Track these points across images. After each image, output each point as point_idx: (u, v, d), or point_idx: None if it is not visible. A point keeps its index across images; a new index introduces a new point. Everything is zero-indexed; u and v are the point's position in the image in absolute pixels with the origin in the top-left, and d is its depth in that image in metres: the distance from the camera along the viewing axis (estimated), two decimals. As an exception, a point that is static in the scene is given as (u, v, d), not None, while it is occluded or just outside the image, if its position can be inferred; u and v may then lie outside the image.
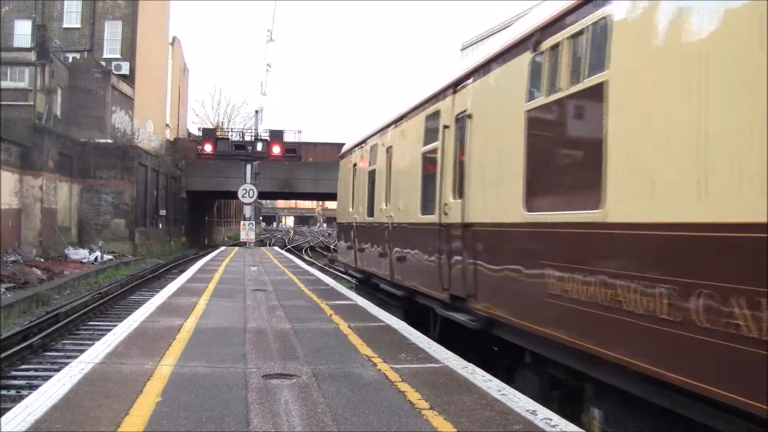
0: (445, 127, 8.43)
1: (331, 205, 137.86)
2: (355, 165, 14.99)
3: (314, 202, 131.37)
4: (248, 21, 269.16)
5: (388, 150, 11.75)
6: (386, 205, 11.57)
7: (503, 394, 5.40)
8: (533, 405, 5.14)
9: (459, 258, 7.72)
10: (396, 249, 10.84)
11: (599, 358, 4.86)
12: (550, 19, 5.84)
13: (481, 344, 7.98)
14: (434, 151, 8.91)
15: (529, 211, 6.09)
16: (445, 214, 8.19)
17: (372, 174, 12.99)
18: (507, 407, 5.02)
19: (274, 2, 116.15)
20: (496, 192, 6.87)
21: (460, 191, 7.92)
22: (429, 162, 9.28)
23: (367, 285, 14.10)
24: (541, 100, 5.98)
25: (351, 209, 15.15)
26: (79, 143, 34.29)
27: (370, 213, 12.96)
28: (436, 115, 8.98)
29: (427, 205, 9.21)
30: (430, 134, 9.20)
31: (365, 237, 13.50)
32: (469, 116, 7.62)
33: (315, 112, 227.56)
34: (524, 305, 6.12)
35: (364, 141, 14.14)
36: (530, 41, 6.18)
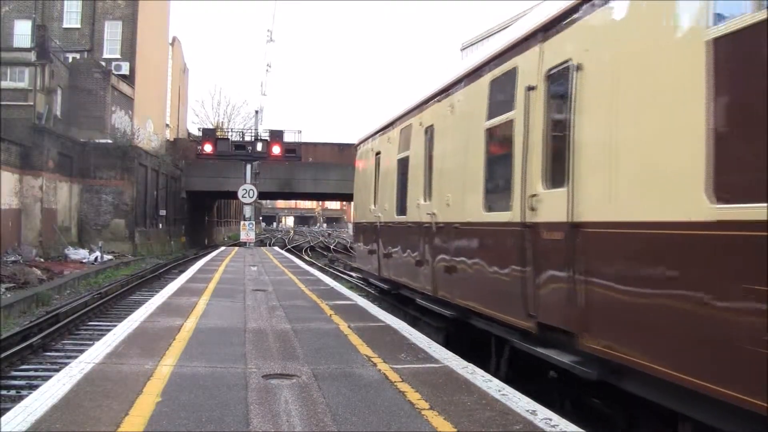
0: (529, 88, 6.18)
1: (331, 205, 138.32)
2: (377, 154, 12.87)
3: (314, 202, 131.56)
4: (248, 21, 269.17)
5: (429, 131, 9.51)
6: (426, 201, 9.46)
7: (503, 395, 5.40)
8: (533, 405, 5.14)
9: (558, 273, 5.52)
10: (442, 256, 8.64)
11: None
12: None
13: (583, 394, 6.04)
14: (507, 124, 6.74)
15: (720, 203, 3.87)
16: (532, 209, 5.99)
17: (404, 163, 10.82)
18: (507, 407, 5.02)
19: (274, 2, 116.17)
20: (641, 172, 4.65)
21: (557, 177, 5.74)
22: (498, 140, 7.22)
23: (392, 297, 12.25)
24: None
25: (373, 207, 13.11)
26: (79, 143, 34.28)
27: (401, 210, 10.83)
28: (509, 75, 6.77)
29: (495, 199, 7.15)
30: (499, 102, 7.09)
31: (393, 240, 11.27)
32: (577, 67, 5.45)
33: (315, 112, 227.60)
34: (697, 353, 4.01)
35: (390, 124, 11.93)
36: None
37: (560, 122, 5.85)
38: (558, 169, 5.75)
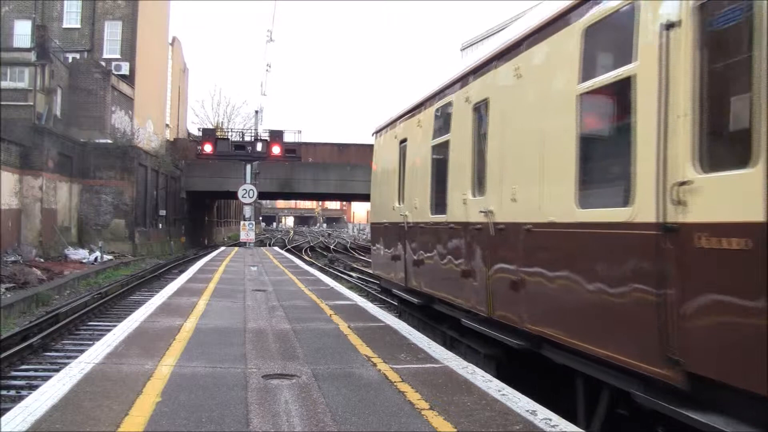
0: (667, 26, 4.30)
1: (331, 205, 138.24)
2: (403, 142, 10.76)
3: (314, 203, 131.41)
4: (248, 21, 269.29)
5: (480, 107, 7.43)
6: (476, 195, 7.43)
7: (503, 395, 5.40)
8: (533, 405, 5.14)
9: (733, 299, 3.75)
10: (502, 267, 6.64)
11: None
12: None
13: None
14: (620, 84, 4.86)
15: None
16: (679, 203, 4.14)
17: (441, 149, 8.81)
18: (507, 407, 5.02)
19: (274, 2, 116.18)
20: None
21: (729, 155, 4.01)
22: (602, 108, 5.51)
23: (420, 311, 10.19)
24: None
25: (397, 204, 10.96)
26: (79, 143, 34.28)
27: (438, 208, 8.83)
28: (624, 15, 4.86)
29: (599, 191, 5.36)
30: (603, 55, 5.41)
31: (427, 244, 9.20)
32: None
33: (315, 112, 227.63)
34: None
35: (421, 105, 9.84)
36: None
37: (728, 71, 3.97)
38: (737, 140, 3.86)
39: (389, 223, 11.68)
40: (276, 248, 39.80)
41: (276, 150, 33.59)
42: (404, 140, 10.79)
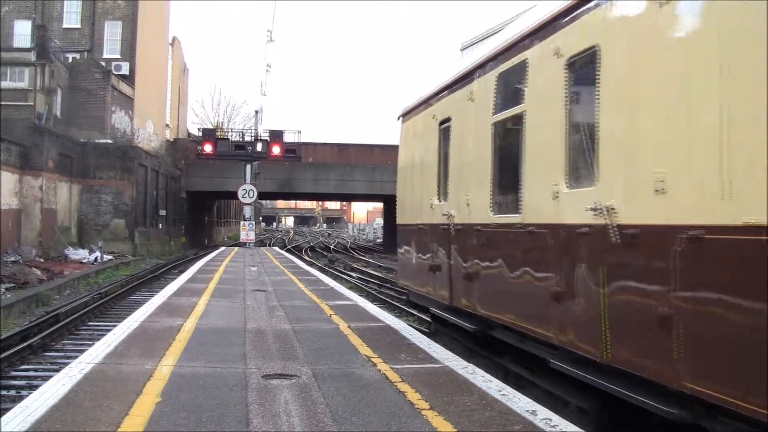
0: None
1: (331, 205, 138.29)
2: (445, 122, 8.54)
3: (314, 203, 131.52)
4: (248, 21, 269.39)
5: (580, 61, 5.35)
6: (575, 187, 5.35)
7: (503, 395, 5.40)
8: (533, 405, 5.15)
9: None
10: (632, 287, 4.52)
11: None
12: None
13: None
14: None
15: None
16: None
17: (511, 126, 6.74)
18: (507, 407, 5.02)
19: (274, 2, 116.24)
20: None
21: None
22: None
23: (466, 335, 8.16)
24: None
25: (437, 200, 8.81)
26: (79, 143, 34.29)
27: (505, 206, 6.82)
28: None
29: None
30: None
31: (486, 252, 7.14)
32: None
33: (315, 112, 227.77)
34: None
35: (474, 71, 7.58)
36: None
37: None
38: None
39: (424, 225, 9.34)
40: (276, 248, 39.82)
41: (276, 150, 33.60)
42: (446, 120, 8.49)
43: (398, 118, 11.19)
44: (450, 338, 8.93)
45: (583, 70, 5.41)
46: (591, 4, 5.18)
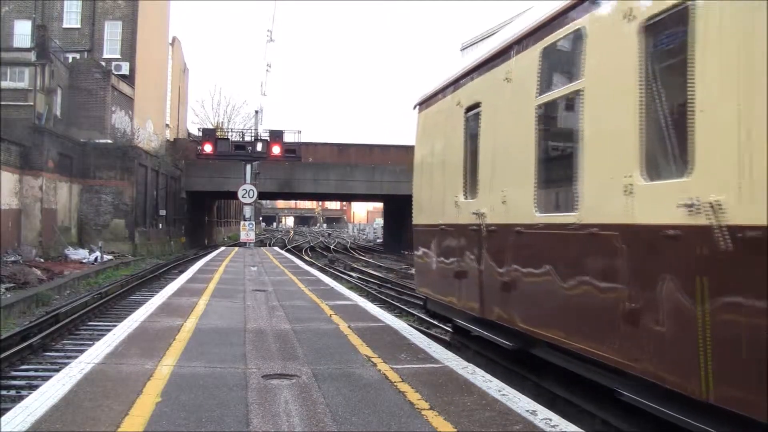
0: None
1: (331, 205, 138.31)
2: (473, 108, 7.45)
3: (314, 203, 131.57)
4: (248, 21, 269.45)
5: (656, 25, 4.47)
6: (657, 178, 4.39)
7: (503, 395, 5.40)
8: (533, 405, 5.14)
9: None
10: (742, 304, 3.61)
11: None
12: None
13: None
14: None
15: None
16: None
17: (561, 107, 5.93)
18: (507, 407, 5.02)
19: (274, 2, 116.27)
20: None
21: None
22: None
23: (497, 351, 7.14)
24: None
25: (464, 198, 7.71)
26: (79, 143, 34.30)
27: (554, 203, 5.98)
28: None
29: None
30: None
31: (528, 258, 6.12)
32: None
33: (315, 112, 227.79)
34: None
35: (511, 47, 6.53)
36: None
37: None
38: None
39: (447, 226, 8.26)
40: (276, 248, 39.82)
41: (276, 150, 33.60)
42: (474, 106, 7.42)
43: (414, 107, 10.03)
44: (474, 352, 7.87)
45: (666, 32, 4.45)
46: None
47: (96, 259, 28.92)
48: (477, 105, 7.36)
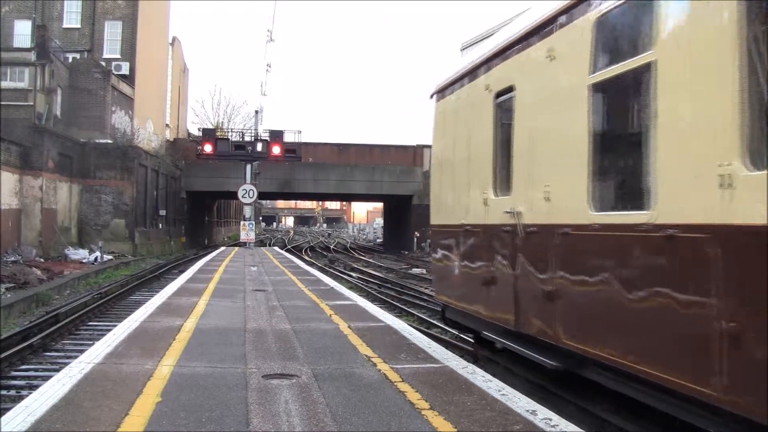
0: None
1: (331, 205, 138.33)
2: (505, 93, 6.60)
3: (314, 203, 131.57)
4: (248, 21, 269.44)
5: None
6: (758, 167, 3.53)
7: (503, 395, 5.40)
8: (533, 405, 5.14)
9: None
10: None
11: None
12: None
13: None
14: None
15: None
16: None
17: (626, 85, 4.87)
18: (507, 407, 5.02)
19: (274, 2, 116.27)
20: None
21: None
22: None
23: (526, 367, 6.53)
24: None
25: (493, 195, 6.84)
26: (79, 143, 34.30)
27: (613, 200, 5.08)
28: None
29: None
30: None
31: (579, 264, 5.23)
32: None
33: (315, 113, 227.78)
34: None
35: (554, 18, 5.72)
36: None
37: None
38: None
39: (473, 226, 7.36)
40: (276, 248, 39.82)
41: (276, 150, 33.61)
42: (507, 90, 6.55)
43: (431, 96, 9.10)
44: (504, 369, 7.08)
45: None
46: None
47: (96, 259, 28.92)
48: (510, 89, 6.48)
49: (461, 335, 10.73)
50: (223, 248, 35.83)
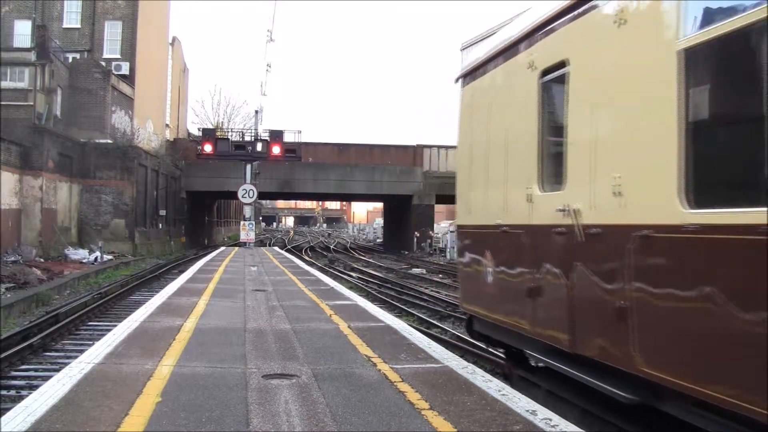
0: None
1: (331, 205, 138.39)
2: (552, 70, 5.66)
3: (314, 203, 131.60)
4: (248, 21, 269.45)
5: None
6: None
7: (503, 395, 5.40)
8: (533, 405, 5.14)
9: None
10: None
11: None
12: None
13: None
14: None
15: None
16: None
17: (742, 44, 3.70)
18: (507, 407, 5.02)
19: (274, 2, 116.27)
20: None
21: None
22: None
23: (577, 391, 5.49)
24: None
25: (538, 190, 5.86)
26: (79, 143, 34.30)
27: (707, 193, 3.92)
28: None
29: None
30: None
31: (654, 274, 4.25)
32: None
33: (315, 113, 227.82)
34: None
35: None
36: None
37: None
38: None
39: (513, 227, 6.30)
40: (276, 248, 39.82)
41: (276, 150, 33.61)
42: (556, 67, 5.51)
43: (456, 81, 8.15)
44: (547, 393, 6.10)
45: None
46: None
47: (96, 259, 28.92)
48: (561, 64, 5.43)
49: (491, 349, 9.38)
50: (223, 248, 35.83)
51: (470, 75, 7.64)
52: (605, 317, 4.65)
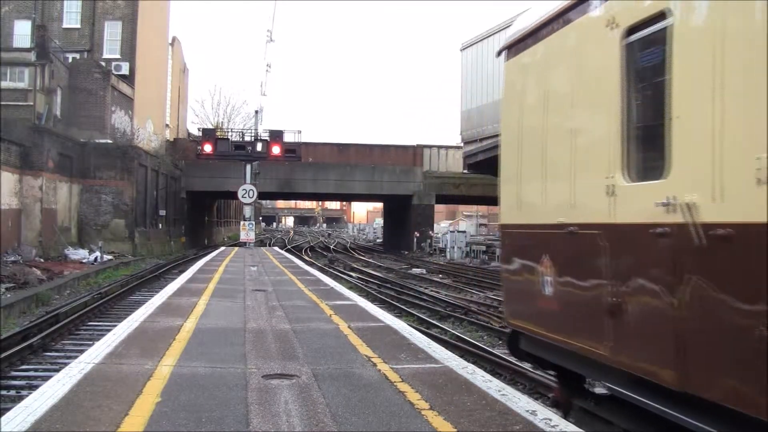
0: None
1: (331, 205, 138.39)
2: (645, 25, 4.26)
3: (314, 203, 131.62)
4: (248, 21, 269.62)
5: None
6: None
7: (503, 395, 5.40)
8: (533, 405, 5.15)
9: None
10: None
11: None
12: None
13: None
14: None
15: None
16: None
17: None
18: (507, 407, 5.02)
19: (274, 2, 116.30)
20: None
21: None
22: None
23: None
24: None
25: (623, 179, 4.51)
26: (79, 143, 34.30)
27: None
28: None
29: None
30: None
31: None
32: None
33: (315, 113, 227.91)
34: None
35: None
36: None
37: None
38: None
39: (583, 226, 5.03)
40: (276, 248, 39.82)
41: (276, 150, 33.61)
42: (650, 21, 4.25)
43: (498, 54, 6.94)
44: None
45: None
46: None
47: (96, 259, 28.92)
48: (659, 16, 4.16)
49: (543, 373, 8.37)
50: (223, 248, 35.83)
51: (520, 43, 6.25)
52: (740, 350, 3.43)
